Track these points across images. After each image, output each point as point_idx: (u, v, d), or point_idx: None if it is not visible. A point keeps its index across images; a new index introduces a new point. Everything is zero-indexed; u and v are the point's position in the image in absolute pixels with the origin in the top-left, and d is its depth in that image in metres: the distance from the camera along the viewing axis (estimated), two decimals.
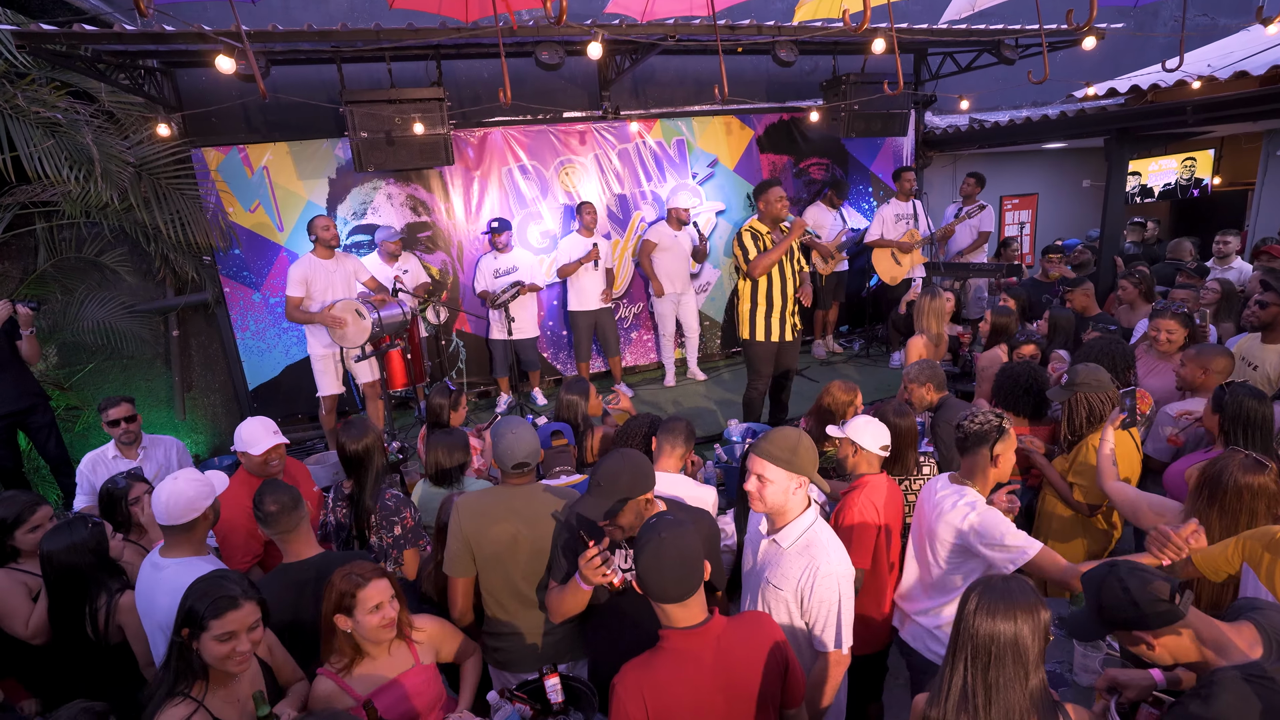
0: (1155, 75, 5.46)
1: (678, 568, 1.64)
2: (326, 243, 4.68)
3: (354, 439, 2.91)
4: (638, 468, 2.12)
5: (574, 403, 3.52)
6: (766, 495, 2.02)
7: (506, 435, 2.42)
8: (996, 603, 1.50)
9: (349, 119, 4.92)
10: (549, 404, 6.26)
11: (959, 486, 2.36)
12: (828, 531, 2.08)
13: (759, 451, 2.02)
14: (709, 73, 7.07)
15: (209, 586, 1.81)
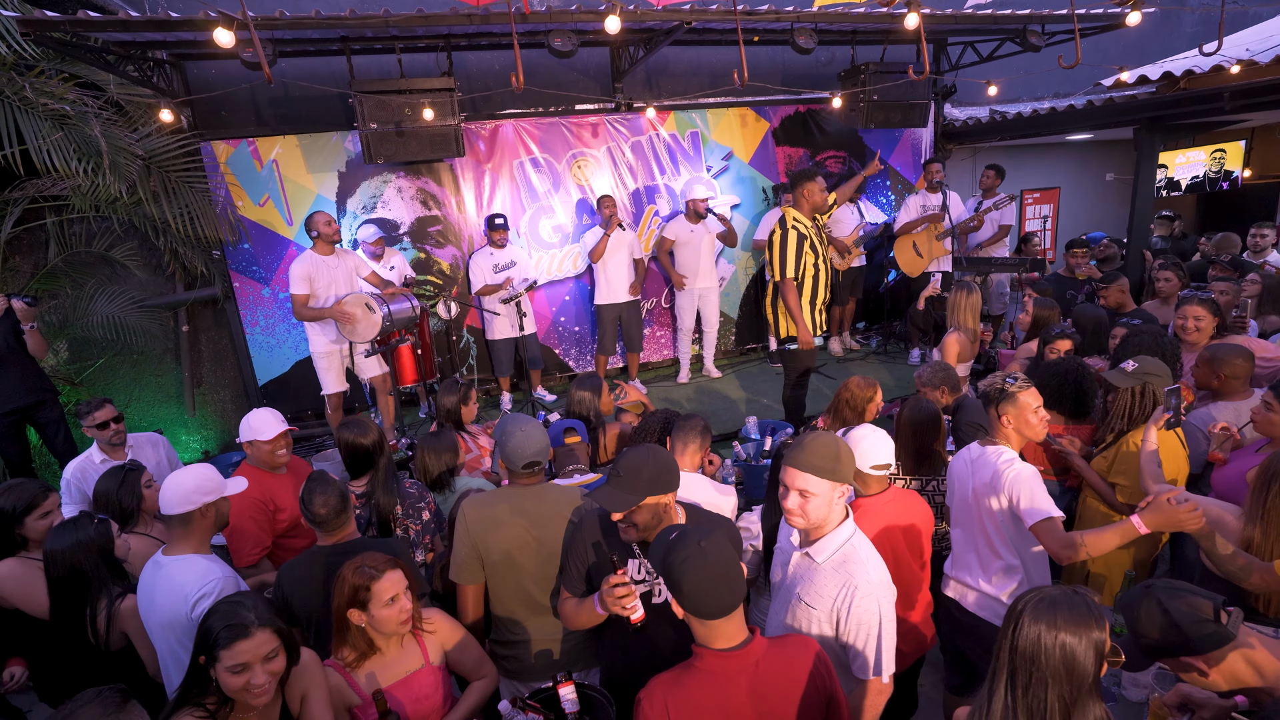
0: (1189, 61, 5.26)
1: (722, 580, 1.51)
2: (328, 238, 4.60)
3: (357, 435, 2.83)
4: (663, 464, 1.99)
5: (585, 399, 3.41)
6: (810, 511, 1.84)
7: (515, 433, 2.31)
8: (1048, 614, 1.37)
9: (358, 109, 4.84)
10: (558, 400, 6.17)
11: (995, 447, 2.40)
12: (866, 545, 1.92)
13: (797, 463, 1.83)
14: (723, 64, 6.94)
15: (223, 612, 1.70)
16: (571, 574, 2.12)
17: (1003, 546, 2.38)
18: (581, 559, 2.10)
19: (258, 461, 2.92)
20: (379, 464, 2.81)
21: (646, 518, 1.97)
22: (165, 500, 2.18)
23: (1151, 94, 5.45)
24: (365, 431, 2.86)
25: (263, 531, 2.78)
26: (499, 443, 2.37)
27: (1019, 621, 1.40)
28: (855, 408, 3.39)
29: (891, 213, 7.35)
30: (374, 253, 5.36)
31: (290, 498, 2.95)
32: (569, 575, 2.13)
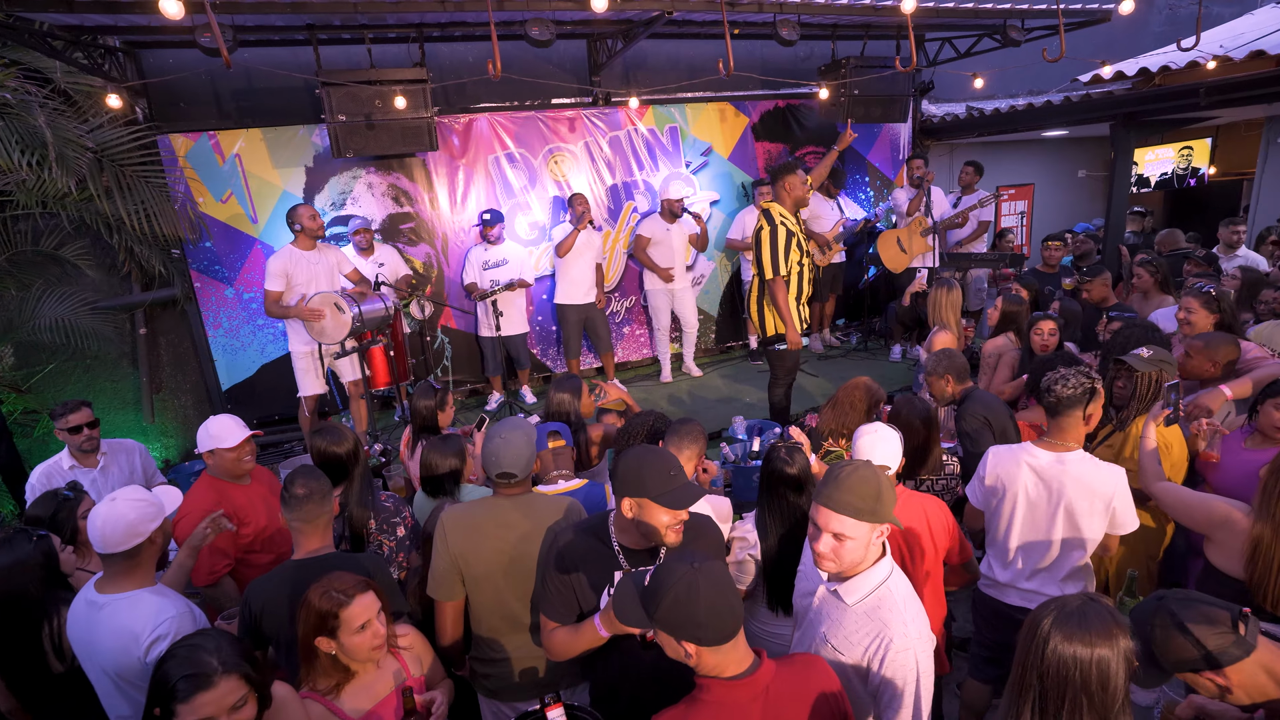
0: (1165, 57, 5.31)
1: (716, 608, 1.38)
2: (312, 233, 4.40)
3: (330, 443, 2.65)
4: (667, 466, 1.82)
5: (564, 401, 3.28)
6: (844, 555, 1.64)
7: (494, 440, 2.16)
8: (1079, 629, 1.29)
9: (326, 101, 4.64)
10: (538, 402, 6.02)
11: (1081, 453, 2.36)
12: (904, 587, 1.73)
13: (834, 504, 1.61)
14: (702, 59, 6.85)
15: (181, 657, 1.50)
16: (555, 601, 1.93)
17: (1086, 550, 2.37)
18: (567, 582, 1.91)
19: (220, 471, 2.74)
20: (353, 474, 2.65)
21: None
22: (105, 539, 1.92)
23: (1128, 90, 5.49)
24: (340, 439, 2.69)
25: (225, 547, 2.60)
26: (483, 447, 2.23)
27: (1046, 640, 1.32)
28: (858, 408, 3.31)
29: (871, 209, 7.33)
30: (360, 245, 5.17)
31: (256, 510, 2.78)
32: (552, 603, 1.94)
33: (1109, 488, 2.31)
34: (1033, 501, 2.37)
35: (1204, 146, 7.83)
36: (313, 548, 2.11)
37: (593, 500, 2.74)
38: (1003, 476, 2.42)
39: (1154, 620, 1.43)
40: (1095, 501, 2.32)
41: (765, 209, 4.28)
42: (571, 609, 1.93)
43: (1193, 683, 1.44)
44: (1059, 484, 2.34)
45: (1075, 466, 2.34)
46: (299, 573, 2.05)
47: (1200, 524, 2.31)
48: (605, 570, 1.93)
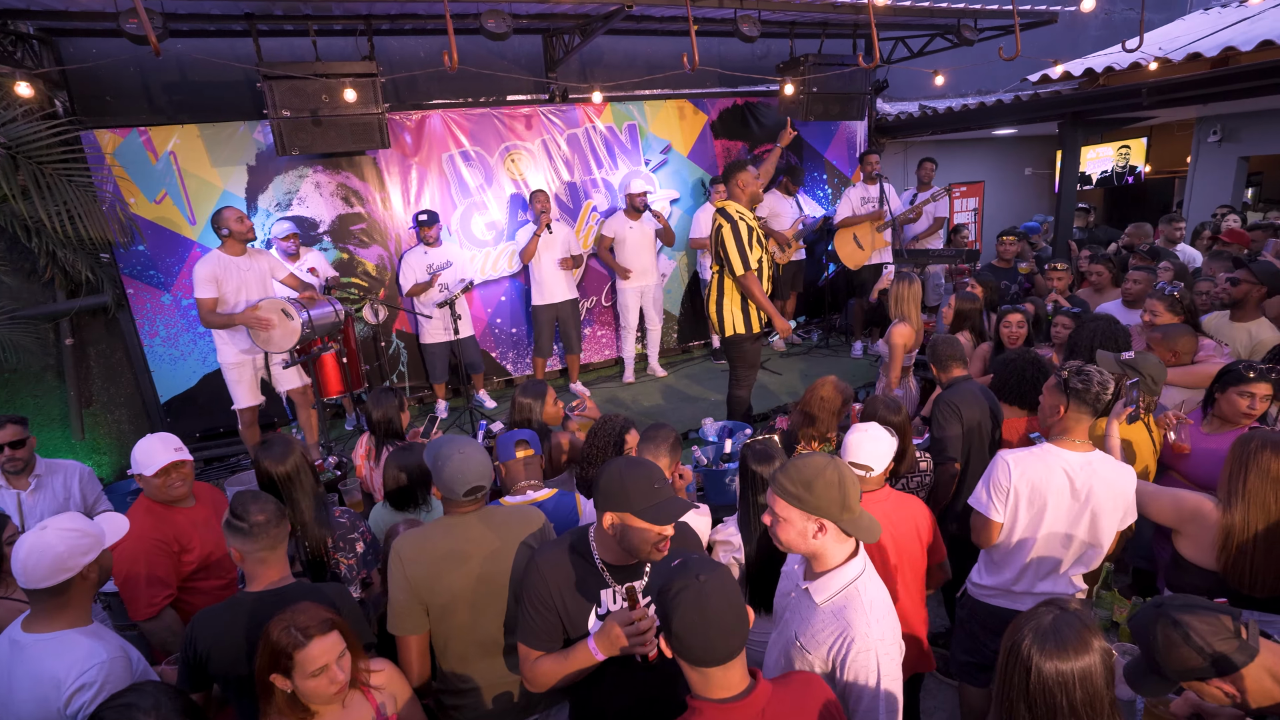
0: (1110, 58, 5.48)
1: (726, 623, 1.31)
2: (240, 237, 4.14)
3: (276, 460, 2.47)
4: (651, 478, 1.73)
5: (528, 406, 3.16)
6: (780, 535, 1.71)
7: (454, 456, 2.01)
8: (1055, 646, 1.30)
9: (268, 95, 4.38)
10: (498, 407, 5.86)
11: (1100, 453, 2.34)
12: (875, 589, 1.71)
13: (772, 483, 1.72)
14: (659, 56, 6.79)
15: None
16: (538, 628, 1.80)
17: (1103, 550, 2.35)
18: (551, 605, 1.80)
19: (150, 493, 2.52)
20: (303, 490, 2.46)
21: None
22: (28, 572, 1.73)
23: (1074, 89, 5.64)
24: (287, 454, 2.51)
25: (166, 576, 2.39)
26: (434, 469, 2.08)
27: (1028, 664, 1.31)
28: (828, 408, 3.28)
29: (829, 206, 7.39)
30: (287, 250, 4.91)
31: (199, 533, 2.56)
32: (534, 630, 1.81)
33: (1130, 487, 2.32)
34: (1064, 506, 2.30)
35: (1140, 145, 8.16)
36: (273, 579, 1.94)
37: (563, 510, 2.63)
38: (1035, 483, 2.30)
39: (1155, 629, 1.41)
40: (1119, 501, 2.30)
41: (721, 207, 4.22)
42: (556, 635, 1.82)
43: (1199, 691, 1.42)
44: (1089, 486, 2.28)
45: (1102, 468, 2.30)
46: (257, 606, 1.88)
47: (1170, 518, 2.35)
48: (591, 590, 1.83)
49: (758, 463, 2.49)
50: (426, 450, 2.25)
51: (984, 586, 2.52)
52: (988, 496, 2.38)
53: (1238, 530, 2.13)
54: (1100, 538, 2.33)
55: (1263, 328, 3.73)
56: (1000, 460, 2.37)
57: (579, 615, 1.81)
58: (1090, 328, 3.42)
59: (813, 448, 3.35)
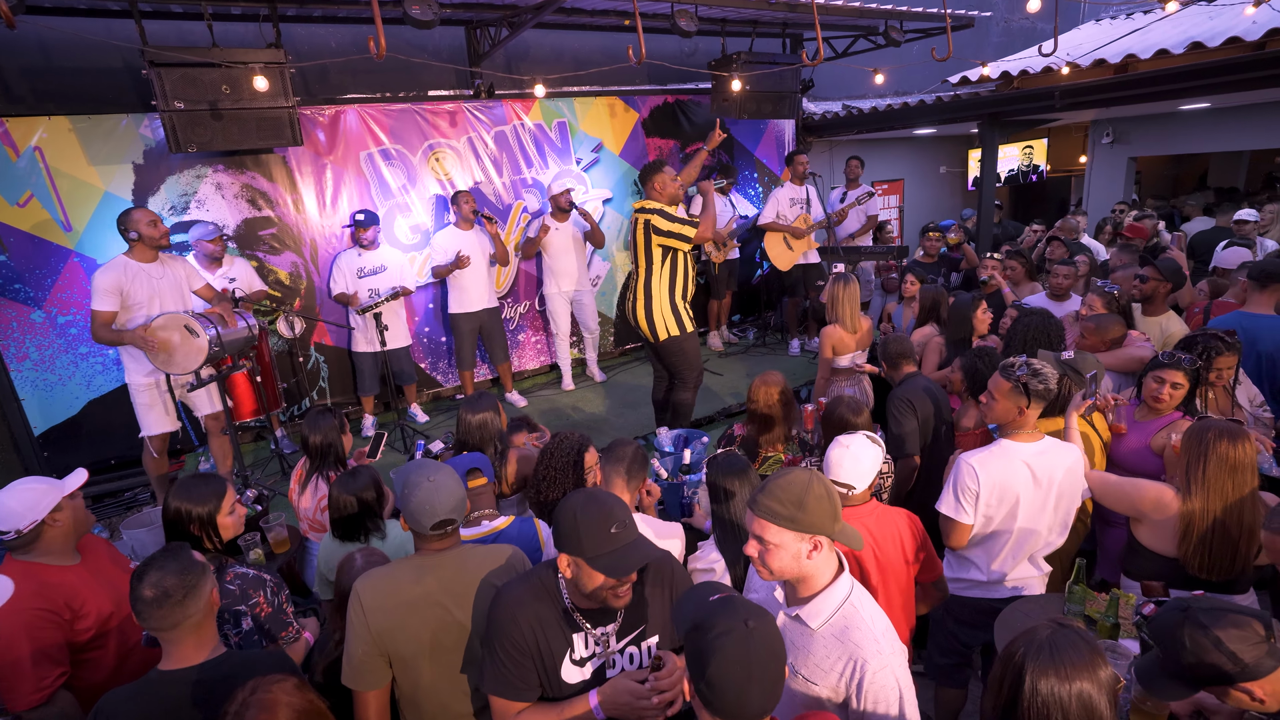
0: (1025, 61, 5.73)
1: (769, 677, 1.21)
2: (152, 242, 3.66)
3: (197, 500, 2.16)
4: (608, 520, 1.58)
5: (485, 422, 2.90)
6: (772, 563, 1.58)
7: (422, 484, 1.80)
8: (1052, 663, 1.24)
9: (156, 85, 3.89)
10: (429, 421, 5.53)
11: (1050, 438, 2.41)
12: (870, 604, 1.64)
13: (757, 509, 1.58)
14: (587, 51, 6.60)
15: None
16: (512, 675, 1.61)
17: (1067, 529, 2.45)
18: (526, 650, 1.61)
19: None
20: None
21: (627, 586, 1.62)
22: None
23: (992, 91, 5.87)
24: (204, 493, 2.19)
25: (56, 653, 2.02)
26: (400, 498, 1.86)
27: (1022, 679, 1.25)
28: (776, 410, 3.21)
29: (760, 205, 7.42)
30: (212, 255, 4.43)
31: (92, 593, 2.17)
32: (507, 679, 1.62)
33: (1080, 465, 2.41)
34: (1030, 495, 2.35)
35: (1042, 146, 8.65)
36: (190, 660, 1.63)
37: (524, 539, 2.43)
38: (1001, 481, 2.33)
39: (1182, 634, 1.38)
40: (1075, 480, 2.40)
41: (640, 207, 4.09)
42: (534, 684, 1.64)
43: (1219, 695, 1.40)
44: (1049, 473, 2.35)
45: (1055, 452, 2.38)
46: (174, 691, 1.58)
47: (1130, 508, 2.40)
48: (563, 634, 1.65)
49: (728, 477, 2.38)
50: (395, 476, 2.01)
51: (957, 580, 2.55)
52: (956, 500, 2.39)
53: (1198, 518, 2.20)
54: (1065, 518, 2.43)
55: (1171, 321, 3.97)
56: (963, 465, 2.38)
57: (552, 662, 1.65)
58: (1025, 322, 3.51)
59: (777, 450, 3.28)
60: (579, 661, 1.67)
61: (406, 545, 2.59)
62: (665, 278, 4.08)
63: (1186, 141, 6.96)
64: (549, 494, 2.73)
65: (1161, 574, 2.33)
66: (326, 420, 3.00)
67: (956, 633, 2.66)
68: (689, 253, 4.18)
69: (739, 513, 2.43)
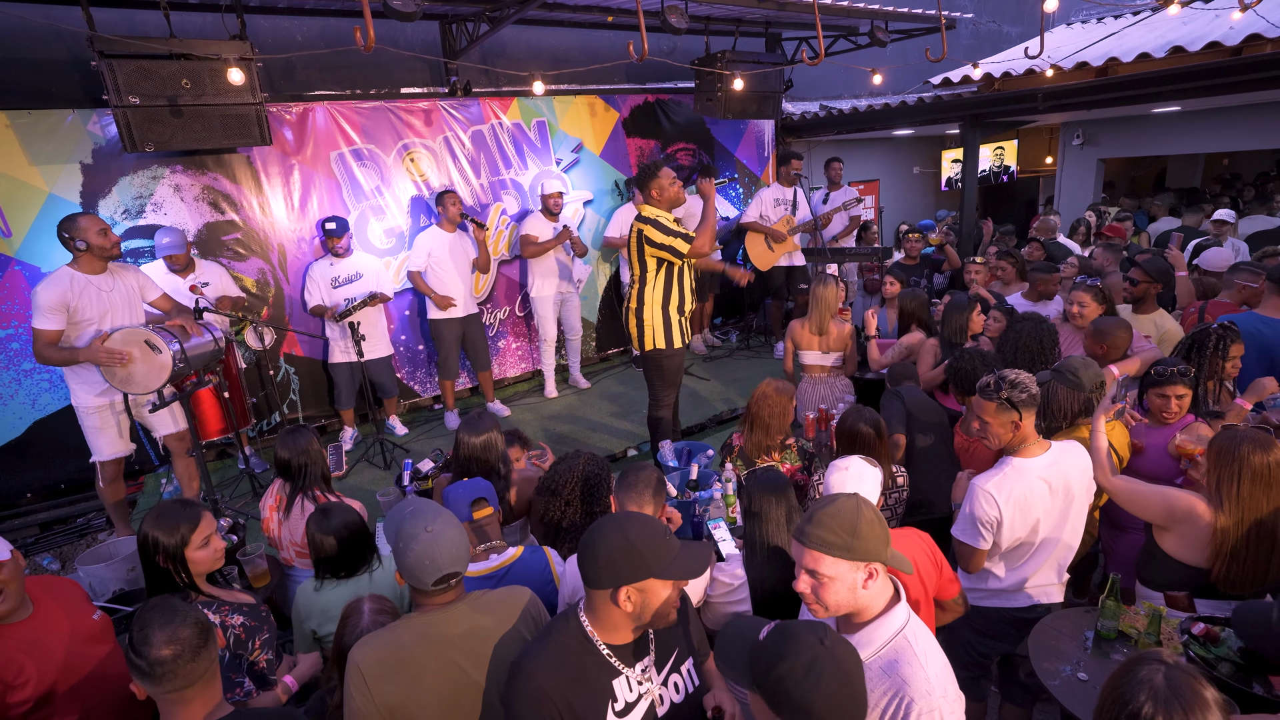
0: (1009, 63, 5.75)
1: (863, 689, 1.20)
2: (102, 252, 3.35)
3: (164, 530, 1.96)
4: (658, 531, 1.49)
5: (489, 444, 2.72)
6: (827, 599, 1.51)
7: (419, 536, 1.59)
8: (1181, 710, 1.18)
9: (108, 78, 3.58)
10: (409, 434, 5.28)
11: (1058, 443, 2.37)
12: (926, 637, 1.54)
13: (808, 540, 1.50)
14: (564, 49, 6.42)
15: None
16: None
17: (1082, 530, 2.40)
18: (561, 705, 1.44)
19: None
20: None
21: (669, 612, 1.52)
22: None
23: (974, 93, 5.88)
24: (172, 522, 1.98)
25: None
26: (396, 553, 1.67)
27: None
28: (779, 416, 3.13)
29: (741, 205, 7.34)
30: (180, 264, 4.12)
31: (36, 656, 1.89)
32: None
33: (1088, 464, 2.37)
34: (1048, 507, 2.31)
35: (1012, 147, 8.79)
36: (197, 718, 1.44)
37: (534, 571, 2.27)
38: (1021, 501, 2.27)
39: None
40: (1086, 480, 2.37)
41: (640, 213, 3.90)
42: None
43: None
44: (1064, 480, 2.31)
45: (1066, 458, 2.34)
46: None
47: (1159, 516, 2.35)
48: (601, 684, 1.50)
49: (765, 495, 2.27)
50: (387, 524, 1.82)
51: (975, 589, 2.49)
52: (974, 529, 2.33)
53: (1232, 532, 2.15)
54: (1080, 521, 2.40)
55: (1165, 318, 3.99)
56: (979, 492, 2.30)
57: (597, 706, 1.50)
58: (1018, 329, 3.49)
59: (773, 459, 3.19)
60: (624, 710, 1.52)
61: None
62: (659, 287, 3.93)
63: (1154, 144, 7.11)
64: (560, 518, 2.56)
65: (1185, 584, 2.29)
66: (302, 437, 2.77)
67: (975, 643, 2.60)
68: (688, 264, 4.02)
69: (773, 534, 2.31)
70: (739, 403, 5.62)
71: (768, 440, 3.19)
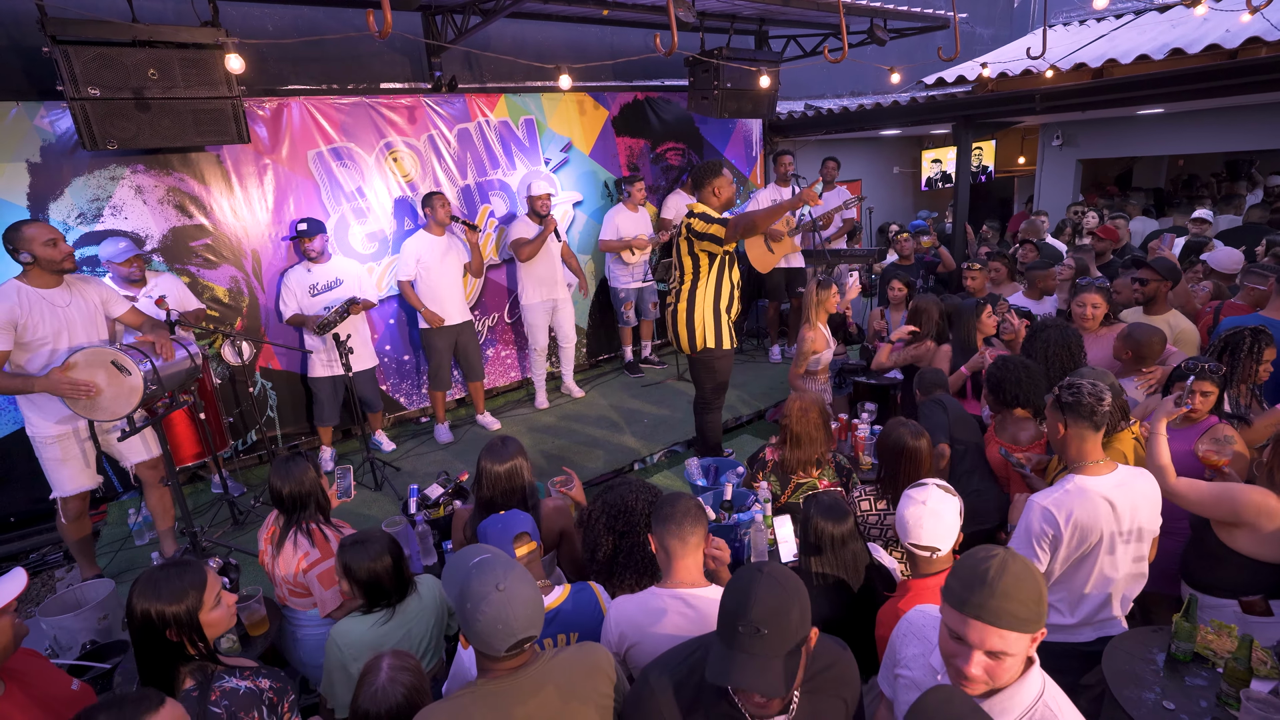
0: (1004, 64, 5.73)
1: None
2: (52, 265, 2.98)
3: (169, 599, 1.66)
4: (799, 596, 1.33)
5: (515, 470, 2.47)
6: (1001, 676, 1.34)
7: (491, 596, 1.40)
8: None
9: (63, 67, 3.20)
10: (397, 449, 4.98)
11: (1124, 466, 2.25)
12: (1065, 702, 1.40)
13: (991, 616, 1.29)
14: (549, 44, 6.18)
15: None
16: None
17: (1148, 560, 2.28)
18: None
19: None
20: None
21: None
22: None
23: (969, 92, 5.85)
24: (178, 588, 1.70)
25: None
26: (461, 613, 1.45)
27: None
28: (813, 432, 2.97)
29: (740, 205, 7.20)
30: (129, 277, 3.74)
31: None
32: None
33: (1158, 494, 2.25)
34: (1112, 531, 2.18)
35: (990, 147, 8.86)
36: None
37: (586, 612, 2.08)
38: (1081, 521, 2.15)
39: None
40: (1155, 508, 2.25)
41: (689, 210, 3.76)
42: None
43: None
44: (1131, 505, 2.18)
45: (1134, 481, 2.22)
46: None
47: (1229, 514, 2.27)
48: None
49: (831, 522, 2.11)
50: (446, 580, 1.59)
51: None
52: (1030, 547, 2.21)
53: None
54: (1146, 550, 2.28)
55: (1178, 319, 3.97)
56: (1037, 508, 2.19)
57: None
58: (1044, 336, 3.42)
59: (811, 475, 3.03)
60: None
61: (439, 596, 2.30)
62: (710, 286, 3.79)
63: (1132, 145, 7.23)
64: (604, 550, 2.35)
65: (1262, 585, 2.22)
66: (298, 466, 2.49)
67: None
68: (731, 261, 3.86)
69: (839, 567, 2.14)
70: (741, 410, 5.47)
71: (807, 456, 3.04)
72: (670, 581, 1.95)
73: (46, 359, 2.98)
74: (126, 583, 3.56)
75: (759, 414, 5.47)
